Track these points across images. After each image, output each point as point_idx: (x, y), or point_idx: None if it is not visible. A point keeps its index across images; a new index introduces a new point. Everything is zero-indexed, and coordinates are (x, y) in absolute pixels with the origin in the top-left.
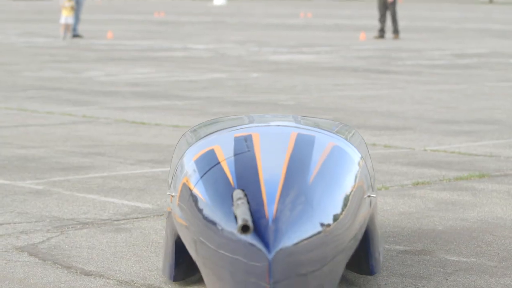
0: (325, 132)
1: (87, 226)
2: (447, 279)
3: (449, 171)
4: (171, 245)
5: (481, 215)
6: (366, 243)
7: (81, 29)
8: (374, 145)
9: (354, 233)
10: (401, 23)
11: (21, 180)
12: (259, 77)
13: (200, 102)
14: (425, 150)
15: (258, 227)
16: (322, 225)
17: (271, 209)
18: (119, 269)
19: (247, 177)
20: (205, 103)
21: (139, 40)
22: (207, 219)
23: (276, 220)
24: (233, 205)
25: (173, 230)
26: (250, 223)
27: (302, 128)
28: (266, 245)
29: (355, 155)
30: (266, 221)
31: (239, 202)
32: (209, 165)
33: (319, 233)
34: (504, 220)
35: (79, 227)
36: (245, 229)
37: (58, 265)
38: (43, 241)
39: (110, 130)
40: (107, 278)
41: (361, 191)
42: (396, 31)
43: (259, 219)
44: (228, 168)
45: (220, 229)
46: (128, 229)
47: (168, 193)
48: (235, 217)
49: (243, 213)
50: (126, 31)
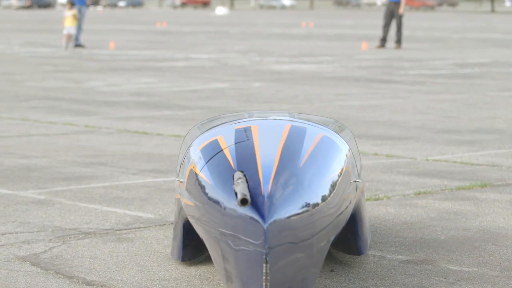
0: (316, 125)
1: (89, 236)
2: None
3: (451, 181)
4: (180, 228)
5: (483, 225)
6: (354, 226)
7: (83, 39)
8: (376, 154)
9: (340, 211)
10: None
11: (23, 190)
12: (261, 87)
13: (202, 112)
14: (427, 159)
15: (255, 203)
16: (310, 202)
17: (266, 188)
18: (121, 279)
19: (246, 161)
20: (207, 112)
21: (141, 50)
22: (211, 198)
23: (270, 196)
24: (234, 184)
25: (181, 214)
26: (248, 197)
27: (295, 121)
28: (262, 217)
29: (343, 146)
30: (262, 198)
31: (239, 181)
32: (213, 152)
33: (308, 209)
34: (506, 229)
35: (81, 237)
36: (244, 202)
37: (60, 275)
38: (45, 251)
39: (112, 140)
40: None
41: (347, 175)
42: (398, 41)
43: (256, 196)
44: (229, 154)
45: (223, 205)
46: (130, 239)
47: (176, 180)
48: (236, 194)
49: (242, 189)
50: (128, 41)
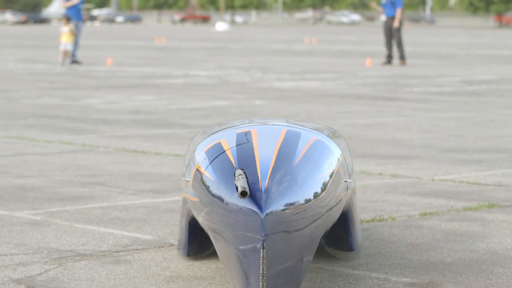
0: (310, 130)
1: (86, 257)
2: None
3: (457, 201)
4: (185, 226)
5: (491, 247)
6: (346, 224)
7: (80, 55)
8: (380, 174)
9: (330, 206)
10: (407, 49)
11: (18, 210)
12: (263, 105)
13: None
14: (433, 179)
15: (254, 196)
16: (303, 197)
17: (263, 183)
18: None
19: (246, 160)
20: None
21: (139, 66)
22: (215, 193)
23: (267, 191)
24: (235, 179)
25: (187, 212)
26: (247, 190)
27: (291, 126)
28: (259, 208)
29: (335, 149)
30: (260, 192)
31: (239, 177)
32: (217, 153)
33: (300, 203)
34: None
35: (77, 258)
36: (243, 194)
37: None
38: (41, 273)
39: (109, 159)
40: None
41: (338, 175)
42: (402, 57)
43: (254, 190)
44: (231, 154)
45: (225, 199)
46: (128, 261)
47: (183, 179)
48: (236, 187)
49: (242, 183)
50: (126, 58)
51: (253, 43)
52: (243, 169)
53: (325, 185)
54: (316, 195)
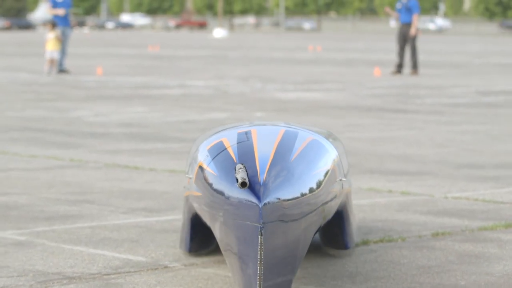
0: (308, 131)
1: (74, 281)
2: None
3: (472, 221)
4: (188, 223)
5: (508, 269)
6: (341, 222)
7: (68, 64)
8: (390, 192)
9: (325, 200)
10: (419, 58)
11: (1, 230)
12: (263, 117)
13: None
14: (446, 197)
15: (253, 188)
16: (298, 190)
17: (262, 177)
18: None
19: (246, 156)
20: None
21: (131, 76)
22: (217, 188)
23: (265, 184)
24: (235, 172)
25: (189, 210)
26: (247, 181)
27: (289, 127)
28: (258, 198)
29: (331, 149)
30: (258, 185)
31: (240, 170)
32: (219, 150)
33: (295, 195)
34: None
35: (65, 282)
36: (243, 184)
37: None
38: None
39: (100, 175)
40: None
41: (333, 173)
42: (415, 66)
43: (253, 183)
44: (232, 151)
45: (226, 193)
46: (119, 285)
47: (186, 176)
48: (237, 180)
49: (242, 175)
50: (117, 66)
51: (253, 51)
52: (243, 164)
53: (320, 181)
54: (311, 190)
